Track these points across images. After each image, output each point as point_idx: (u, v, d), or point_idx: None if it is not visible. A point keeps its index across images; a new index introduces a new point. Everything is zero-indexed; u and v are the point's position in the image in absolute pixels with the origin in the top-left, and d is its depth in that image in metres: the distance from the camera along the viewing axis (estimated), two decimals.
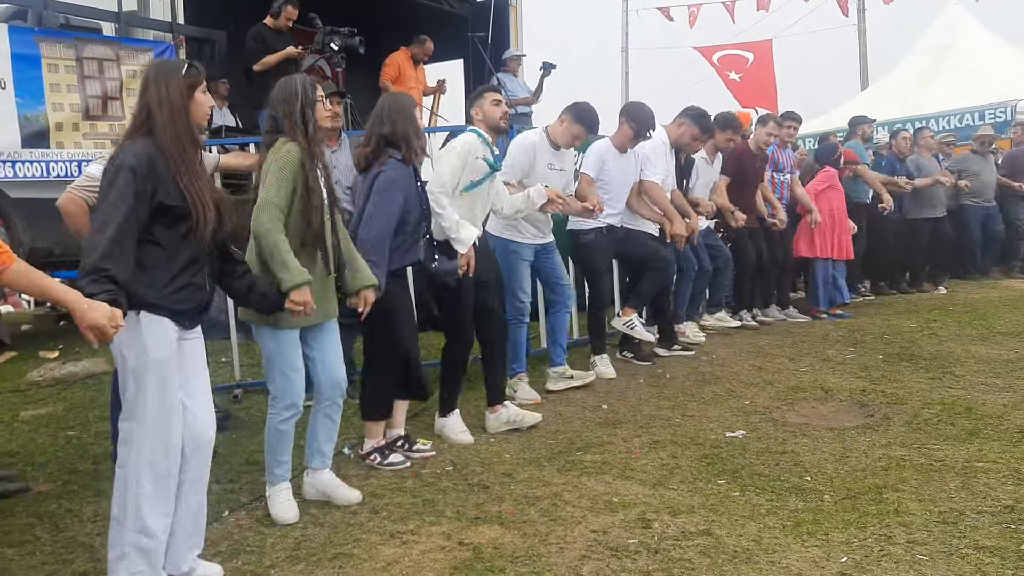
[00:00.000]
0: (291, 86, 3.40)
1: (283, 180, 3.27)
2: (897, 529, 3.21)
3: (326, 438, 3.66)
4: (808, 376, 5.68)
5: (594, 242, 5.62)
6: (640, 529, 3.31)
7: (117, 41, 6.95)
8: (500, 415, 4.68)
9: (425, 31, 9.15)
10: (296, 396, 3.42)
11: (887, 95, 13.97)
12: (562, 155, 5.26)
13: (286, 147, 3.33)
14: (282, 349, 3.39)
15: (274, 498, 3.50)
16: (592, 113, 5.18)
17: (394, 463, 4.06)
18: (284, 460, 3.53)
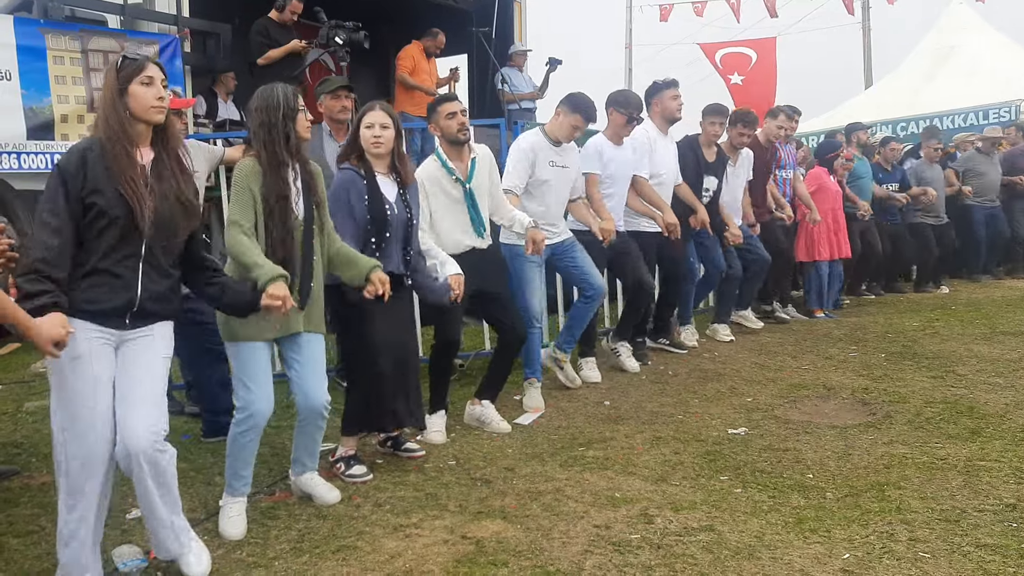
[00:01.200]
0: (272, 95, 3.30)
1: (238, 197, 3.22)
2: (899, 527, 3.22)
3: (306, 452, 3.60)
4: (810, 374, 5.69)
5: (589, 245, 5.35)
6: (642, 524, 3.32)
7: (122, 34, 6.96)
8: (474, 410, 4.67)
9: (430, 25, 9.15)
10: (255, 410, 3.25)
11: (891, 94, 13.96)
12: (564, 151, 5.11)
13: (241, 163, 3.29)
14: (241, 361, 3.28)
15: (225, 509, 3.37)
16: (587, 100, 5.01)
17: (355, 475, 3.88)
18: (243, 475, 3.37)
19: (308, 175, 3.39)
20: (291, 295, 3.14)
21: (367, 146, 3.84)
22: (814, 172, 7.91)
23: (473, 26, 9.47)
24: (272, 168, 3.23)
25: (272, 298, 3.00)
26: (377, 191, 3.85)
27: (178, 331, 3.06)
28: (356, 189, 3.81)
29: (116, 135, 2.72)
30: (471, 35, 9.37)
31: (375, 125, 3.83)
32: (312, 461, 3.62)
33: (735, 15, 16.49)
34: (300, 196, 3.33)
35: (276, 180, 3.22)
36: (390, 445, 4.18)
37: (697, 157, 6.30)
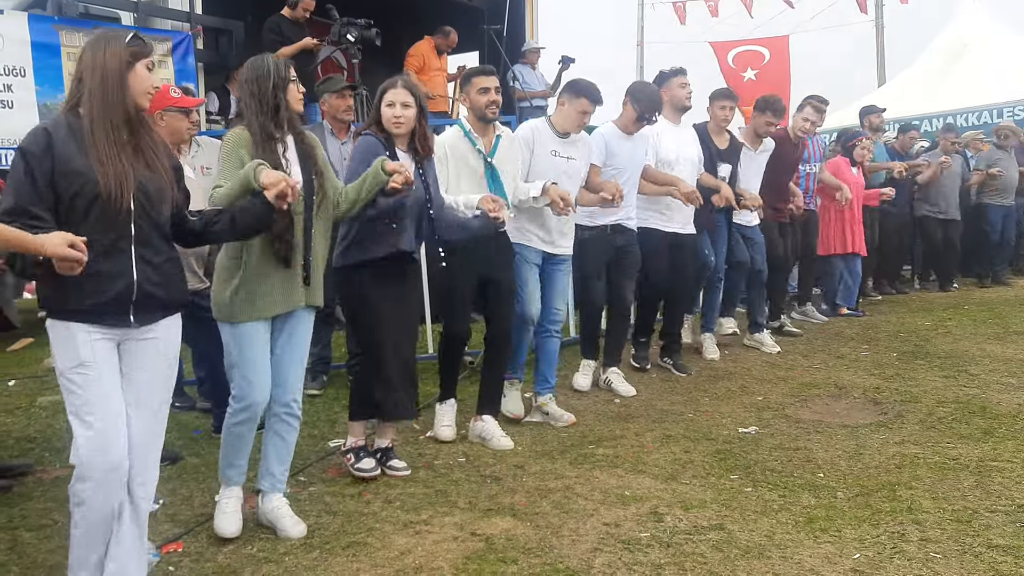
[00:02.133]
0: (263, 65, 3.18)
1: (226, 163, 3.09)
2: (910, 527, 3.21)
3: (276, 459, 3.33)
4: (822, 373, 5.67)
5: (590, 241, 5.11)
6: (652, 523, 3.32)
7: (136, 30, 6.96)
8: (475, 426, 4.43)
9: (441, 23, 9.15)
10: (253, 399, 3.14)
11: (904, 92, 13.87)
12: (572, 143, 4.79)
13: (230, 131, 3.19)
14: (240, 344, 3.15)
15: (220, 504, 3.27)
16: (589, 83, 4.76)
17: (364, 468, 3.79)
18: (238, 464, 3.28)
19: (305, 146, 3.26)
20: (295, 268, 3.15)
21: (388, 125, 3.74)
22: (834, 162, 7.73)
23: (485, 23, 9.46)
24: (263, 139, 3.10)
25: (273, 185, 2.82)
26: (395, 158, 3.72)
27: (189, 326, 3.02)
28: (378, 154, 3.61)
29: (117, 113, 2.57)
30: (483, 32, 9.36)
31: (396, 104, 3.72)
32: (283, 473, 3.37)
33: (747, 11, 16.43)
34: (292, 167, 3.17)
35: (265, 151, 3.07)
36: (379, 458, 3.92)
37: (708, 146, 5.98)
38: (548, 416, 4.77)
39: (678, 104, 5.71)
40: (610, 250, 5.22)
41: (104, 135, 2.54)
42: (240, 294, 3.11)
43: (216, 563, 3.04)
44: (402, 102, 3.72)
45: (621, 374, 5.43)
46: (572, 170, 4.81)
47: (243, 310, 3.12)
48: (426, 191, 3.81)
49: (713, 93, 6.20)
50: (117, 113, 2.57)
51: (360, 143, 3.83)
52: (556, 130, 4.76)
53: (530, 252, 4.68)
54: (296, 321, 3.27)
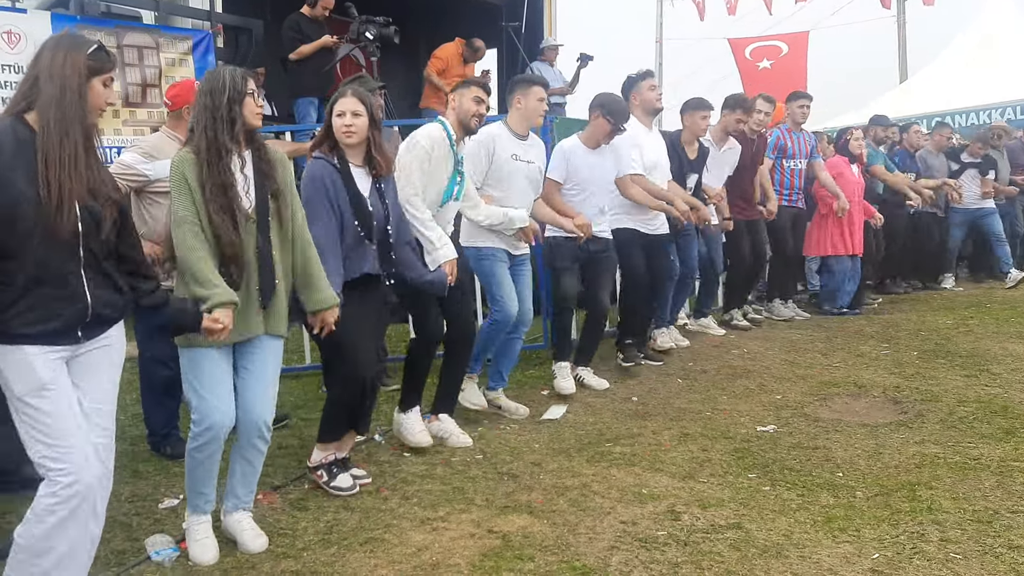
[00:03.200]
0: (218, 77, 3.02)
1: (176, 192, 2.93)
2: (930, 527, 3.18)
3: (242, 481, 3.20)
4: (841, 371, 5.63)
5: (564, 243, 5.03)
6: (669, 521, 3.31)
7: (157, 29, 7.04)
8: (432, 426, 4.33)
9: (459, 20, 9.18)
10: (212, 421, 2.97)
11: (926, 88, 13.75)
12: (529, 146, 4.69)
13: (176, 155, 3.01)
14: (196, 367, 2.99)
15: (191, 531, 3.12)
16: (531, 74, 4.76)
17: (342, 487, 3.63)
18: (203, 491, 3.11)
19: (264, 163, 3.07)
20: (247, 296, 2.97)
21: (338, 136, 3.54)
22: (832, 161, 7.59)
23: (503, 21, 9.48)
24: (212, 156, 2.92)
25: (215, 322, 2.79)
26: (352, 185, 3.56)
27: None
28: (332, 181, 3.52)
29: (73, 126, 2.43)
30: (501, 30, 9.37)
31: (346, 113, 3.52)
32: (247, 495, 3.23)
33: (767, 7, 16.33)
34: (250, 185, 3.01)
35: (215, 168, 2.91)
36: (336, 470, 3.75)
37: (679, 156, 5.96)
38: (501, 410, 4.78)
39: (649, 107, 5.62)
40: (584, 253, 5.09)
41: (60, 148, 2.39)
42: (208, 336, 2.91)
43: (235, 558, 3.07)
44: (352, 111, 3.52)
45: (591, 370, 5.36)
46: (533, 174, 4.71)
47: (197, 338, 2.92)
48: (385, 212, 3.64)
49: (688, 103, 6.10)
50: (76, 125, 2.44)
51: (310, 171, 3.58)
52: (514, 132, 4.64)
53: (499, 251, 4.60)
54: (258, 349, 3.09)
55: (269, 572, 2.97)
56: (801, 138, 7.27)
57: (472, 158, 4.47)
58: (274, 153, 3.15)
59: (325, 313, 3.24)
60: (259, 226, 3.02)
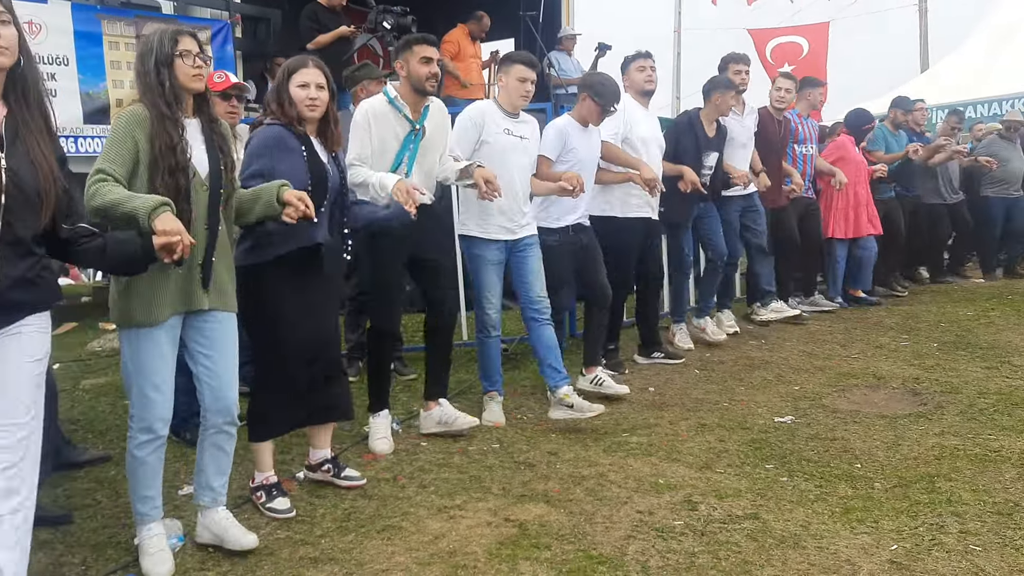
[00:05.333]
0: (147, 42, 2.85)
1: (114, 142, 2.73)
2: (949, 519, 3.16)
3: (216, 471, 3.04)
4: (860, 363, 5.60)
5: (558, 246, 4.77)
6: (686, 511, 3.31)
7: (175, 19, 7.07)
8: (432, 414, 4.24)
9: (477, 9, 9.14)
10: (155, 418, 2.78)
11: (948, 77, 13.58)
12: (521, 123, 4.52)
13: (127, 108, 2.84)
14: (137, 353, 2.77)
15: (143, 545, 2.90)
16: (517, 52, 4.56)
17: (276, 509, 3.31)
18: (148, 495, 2.90)
19: (216, 134, 2.93)
20: (188, 271, 2.80)
21: (301, 107, 3.33)
22: (838, 141, 7.49)
23: (521, 10, 9.43)
24: (155, 118, 2.75)
25: (165, 234, 2.47)
26: (313, 151, 3.38)
27: None
28: (290, 146, 3.31)
29: None
30: (519, 19, 9.33)
31: (310, 85, 3.33)
32: (223, 486, 3.08)
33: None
34: (196, 152, 2.84)
35: (163, 128, 2.74)
36: (327, 470, 3.61)
37: (697, 133, 5.79)
38: (573, 409, 4.38)
39: (638, 88, 5.40)
40: (578, 250, 4.87)
41: None
42: (132, 293, 2.75)
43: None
44: (316, 83, 3.35)
45: (608, 372, 5.07)
46: (526, 150, 4.53)
47: (137, 312, 2.76)
48: (341, 181, 3.48)
49: (715, 81, 5.95)
50: None
51: (264, 133, 3.36)
52: (504, 110, 4.46)
53: (490, 249, 4.41)
54: (211, 328, 2.93)
55: (287, 559, 2.99)
56: (810, 124, 7.15)
57: (460, 132, 4.36)
58: (223, 126, 3.01)
59: (287, 192, 2.98)
60: (211, 198, 2.87)
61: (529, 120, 4.58)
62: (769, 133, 6.60)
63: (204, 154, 2.86)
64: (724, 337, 6.22)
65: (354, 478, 3.59)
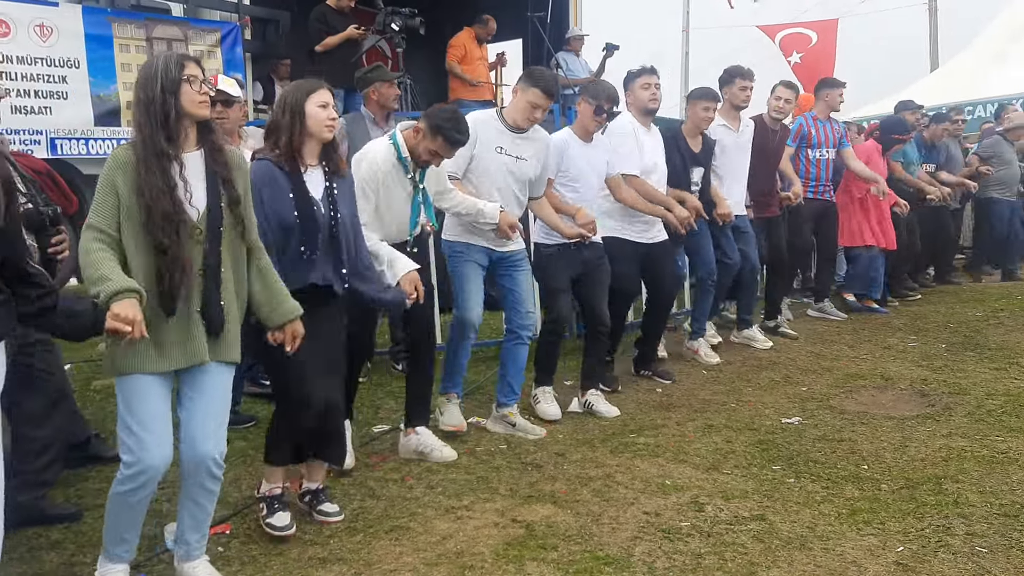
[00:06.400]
0: (151, 66, 2.65)
1: (98, 195, 2.56)
2: (956, 520, 3.17)
3: (192, 526, 2.82)
4: (868, 364, 5.60)
5: (556, 255, 4.62)
6: (693, 512, 3.32)
7: (185, 21, 7.12)
8: (410, 440, 4.03)
9: (484, 11, 9.17)
10: (147, 463, 2.57)
11: (958, 77, 13.53)
12: (524, 141, 4.32)
13: (113, 152, 2.63)
14: (128, 398, 2.60)
15: None
16: (546, 72, 4.31)
17: (275, 526, 3.19)
18: (126, 538, 2.73)
19: (220, 165, 2.70)
20: (188, 319, 2.62)
21: (319, 128, 3.18)
22: (865, 147, 7.32)
23: (528, 11, 9.45)
24: (149, 156, 2.55)
25: (117, 320, 2.34)
26: (301, 184, 3.17)
27: None
28: (276, 185, 3.13)
29: None
30: (527, 20, 9.35)
31: (329, 105, 3.20)
32: (200, 540, 2.86)
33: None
34: (196, 191, 2.64)
35: (152, 172, 2.54)
36: (308, 501, 3.43)
37: (680, 149, 5.52)
38: (516, 428, 4.35)
39: (641, 106, 5.15)
40: (577, 264, 4.66)
41: None
42: (122, 342, 2.50)
43: (263, 546, 3.12)
44: (332, 103, 3.23)
45: (601, 395, 4.85)
46: (520, 171, 4.33)
47: (127, 362, 2.58)
48: (333, 214, 3.23)
49: (693, 92, 5.73)
50: None
51: (256, 172, 3.09)
52: (507, 123, 4.29)
53: (474, 250, 4.28)
54: (205, 377, 2.72)
55: (296, 558, 3.01)
56: (828, 126, 6.88)
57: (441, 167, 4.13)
58: (232, 154, 2.80)
59: (292, 325, 2.88)
60: (209, 239, 2.66)
61: (536, 138, 4.40)
62: (763, 143, 6.37)
63: (203, 192, 2.67)
64: (718, 360, 5.83)
65: (329, 514, 3.36)
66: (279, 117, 3.21)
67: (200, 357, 2.67)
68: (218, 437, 2.74)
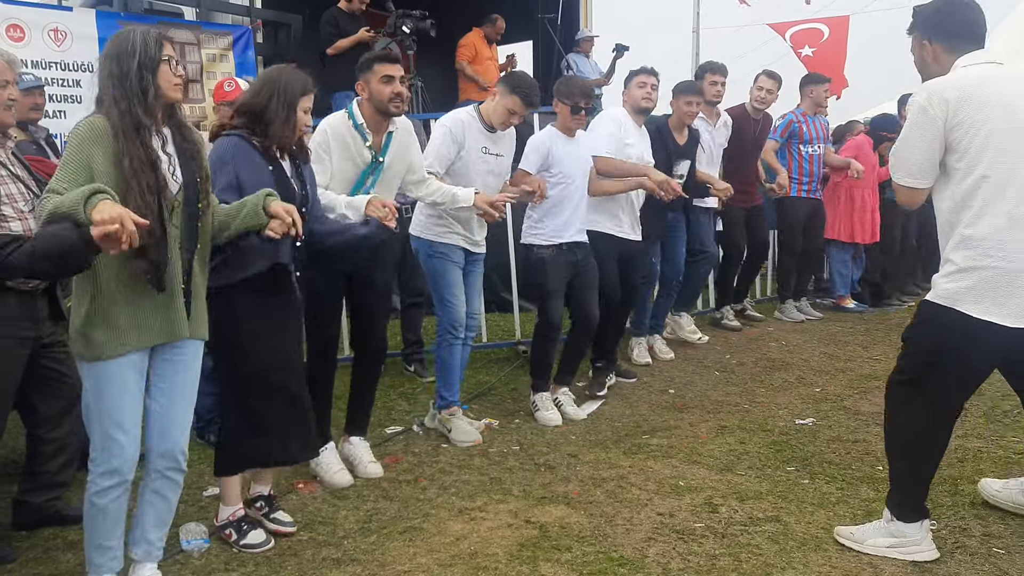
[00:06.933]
0: (126, 40, 2.54)
1: (66, 162, 2.43)
2: (973, 521, 3.15)
3: (155, 521, 2.74)
4: (882, 364, 5.56)
5: (551, 259, 4.59)
6: (707, 513, 3.31)
7: (198, 25, 7.14)
8: (342, 449, 3.89)
9: (495, 13, 9.18)
10: (120, 461, 2.52)
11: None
12: (499, 139, 4.35)
13: (82, 121, 2.51)
14: (101, 389, 2.50)
15: None
16: (527, 80, 4.31)
17: (253, 544, 3.08)
18: (109, 545, 2.64)
19: (189, 143, 2.66)
20: (171, 295, 2.54)
21: (301, 131, 3.19)
22: (856, 140, 7.31)
23: (539, 12, 9.47)
24: (128, 129, 2.46)
25: (103, 223, 2.16)
26: (278, 165, 3.12)
27: None
28: (251, 158, 3.04)
29: None
30: (537, 22, 9.36)
31: (309, 111, 3.21)
32: (161, 539, 2.79)
33: None
34: (176, 167, 2.60)
35: (133, 143, 2.45)
36: (259, 506, 3.30)
37: (666, 142, 5.52)
38: (450, 433, 4.28)
39: (635, 105, 5.17)
40: (571, 267, 4.67)
41: None
42: (103, 323, 2.46)
43: (277, 546, 3.12)
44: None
45: (571, 396, 4.82)
46: (500, 168, 4.41)
47: (106, 344, 2.48)
48: (304, 195, 3.19)
49: (677, 86, 5.68)
50: None
51: (226, 143, 3.07)
52: (485, 123, 4.30)
53: (455, 252, 4.26)
54: (181, 354, 2.66)
55: (311, 559, 3.02)
56: (817, 122, 6.89)
57: (441, 146, 4.18)
58: (196, 134, 2.74)
59: (273, 205, 2.73)
60: (187, 214, 2.61)
61: (507, 134, 4.42)
62: (743, 133, 6.41)
63: (178, 168, 2.62)
64: (672, 356, 5.89)
65: (284, 523, 3.25)
66: (269, 104, 3.07)
67: (181, 332, 2.62)
68: (187, 427, 2.70)
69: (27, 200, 2.99)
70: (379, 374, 4.00)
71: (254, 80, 3.26)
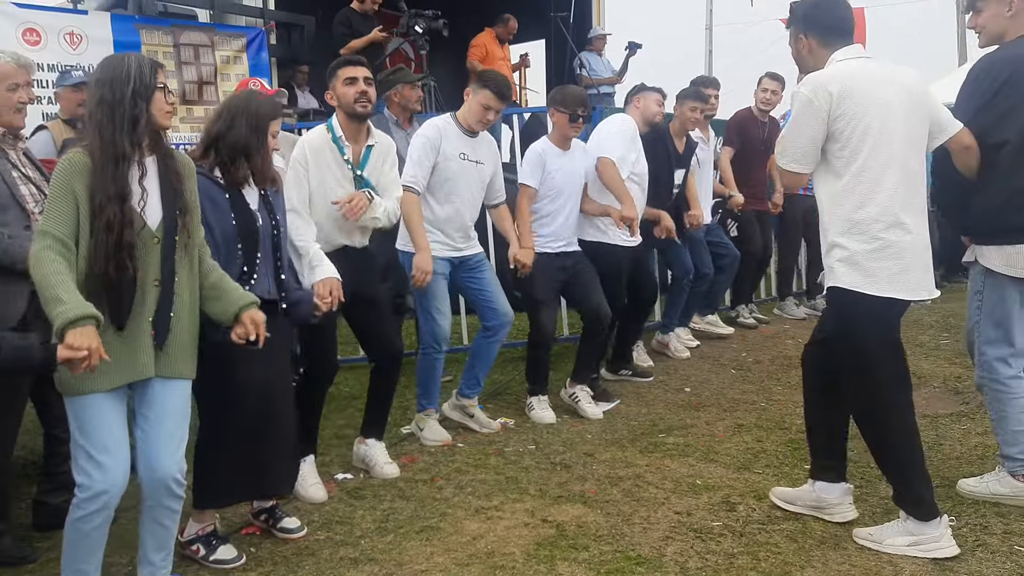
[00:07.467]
0: (122, 66, 2.51)
1: (52, 200, 2.41)
2: (993, 519, 3.13)
3: (155, 546, 2.70)
4: None
5: (539, 265, 4.48)
6: (724, 512, 3.30)
7: (212, 27, 7.18)
8: (358, 450, 3.93)
9: (507, 12, 9.18)
10: (104, 487, 2.44)
11: None
12: (479, 144, 4.27)
13: (65, 156, 2.49)
14: (82, 419, 2.46)
15: None
16: (497, 75, 4.28)
17: (223, 560, 3.00)
18: (84, 570, 2.56)
19: (172, 172, 2.59)
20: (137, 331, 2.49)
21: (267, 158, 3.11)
22: None
23: (551, 11, 9.45)
24: (106, 161, 2.43)
25: (71, 349, 2.20)
26: (241, 199, 3.02)
27: None
28: (208, 193, 2.92)
29: None
30: (549, 20, 9.35)
31: (277, 135, 3.18)
32: (165, 559, 2.73)
33: None
34: (150, 199, 2.52)
35: (108, 177, 2.42)
36: (264, 519, 3.29)
37: (668, 149, 5.48)
38: (473, 419, 4.43)
39: (648, 116, 5.15)
40: (559, 272, 4.63)
41: None
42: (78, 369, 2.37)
43: (295, 545, 3.14)
44: None
45: (589, 392, 4.78)
46: (479, 176, 4.30)
47: (77, 382, 2.42)
48: (274, 227, 3.09)
49: (683, 92, 5.67)
50: None
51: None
52: (462, 127, 4.22)
53: (437, 263, 4.09)
54: (157, 392, 2.59)
55: (328, 559, 3.03)
56: None
57: (420, 156, 4.09)
58: (183, 160, 2.69)
59: (248, 312, 2.68)
60: (164, 247, 2.54)
61: (485, 140, 4.36)
62: (751, 137, 6.41)
63: (157, 198, 2.55)
64: (687, 354, 5.89)
65: (291, 530, 3.23)
66: (237, 130, 3.00)
67: (146, 372, 2.53)
68: (177, 456, 2.61)
69: (38, 201, 3.04)
70: (396, 380, 3.93)
71: (217, 108, 3.20)
